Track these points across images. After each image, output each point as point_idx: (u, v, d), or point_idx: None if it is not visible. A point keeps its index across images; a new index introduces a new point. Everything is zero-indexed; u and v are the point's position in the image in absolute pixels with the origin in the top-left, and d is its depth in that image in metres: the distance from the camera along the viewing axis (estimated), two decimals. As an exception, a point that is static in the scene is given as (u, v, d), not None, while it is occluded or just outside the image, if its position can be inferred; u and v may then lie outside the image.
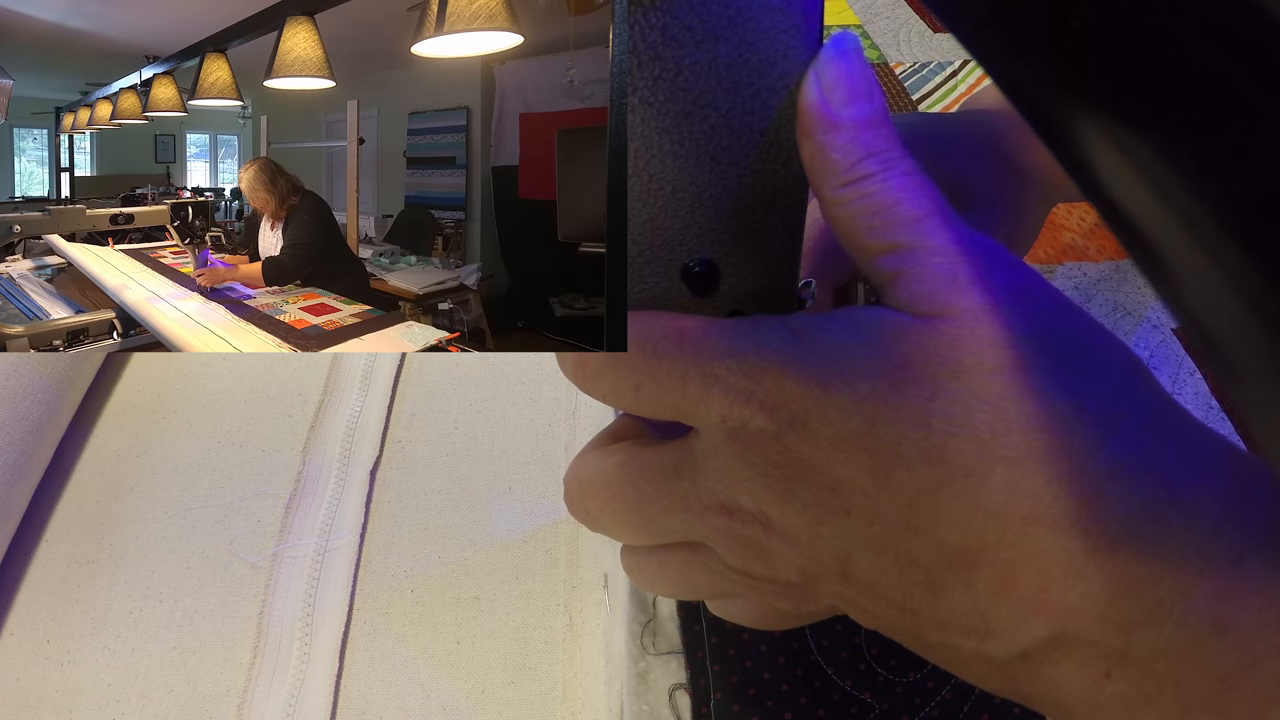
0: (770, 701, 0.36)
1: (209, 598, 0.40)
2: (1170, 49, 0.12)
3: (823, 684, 0.37)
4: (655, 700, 0.36)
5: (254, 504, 0.44)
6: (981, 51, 0.16)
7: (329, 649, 0.38)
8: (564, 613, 0.39)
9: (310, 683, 0.37)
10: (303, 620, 0.39)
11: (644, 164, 0.23)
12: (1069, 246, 0.57)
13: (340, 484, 0.44)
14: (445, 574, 0.40)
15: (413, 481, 0.44)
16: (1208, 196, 0.12)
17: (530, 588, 0.40)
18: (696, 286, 0.25)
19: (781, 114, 0.23)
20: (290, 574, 0.41)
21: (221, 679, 0.38)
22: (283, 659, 0.38)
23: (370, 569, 0.41)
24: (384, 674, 0.38)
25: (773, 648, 0.38)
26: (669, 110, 0.22)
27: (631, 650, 0.37)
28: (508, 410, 0.47)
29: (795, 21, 0.22)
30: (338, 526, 0.42)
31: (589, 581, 0.40)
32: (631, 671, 0.36)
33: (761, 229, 0.25)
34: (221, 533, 0.42)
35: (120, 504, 0.44)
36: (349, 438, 0.46)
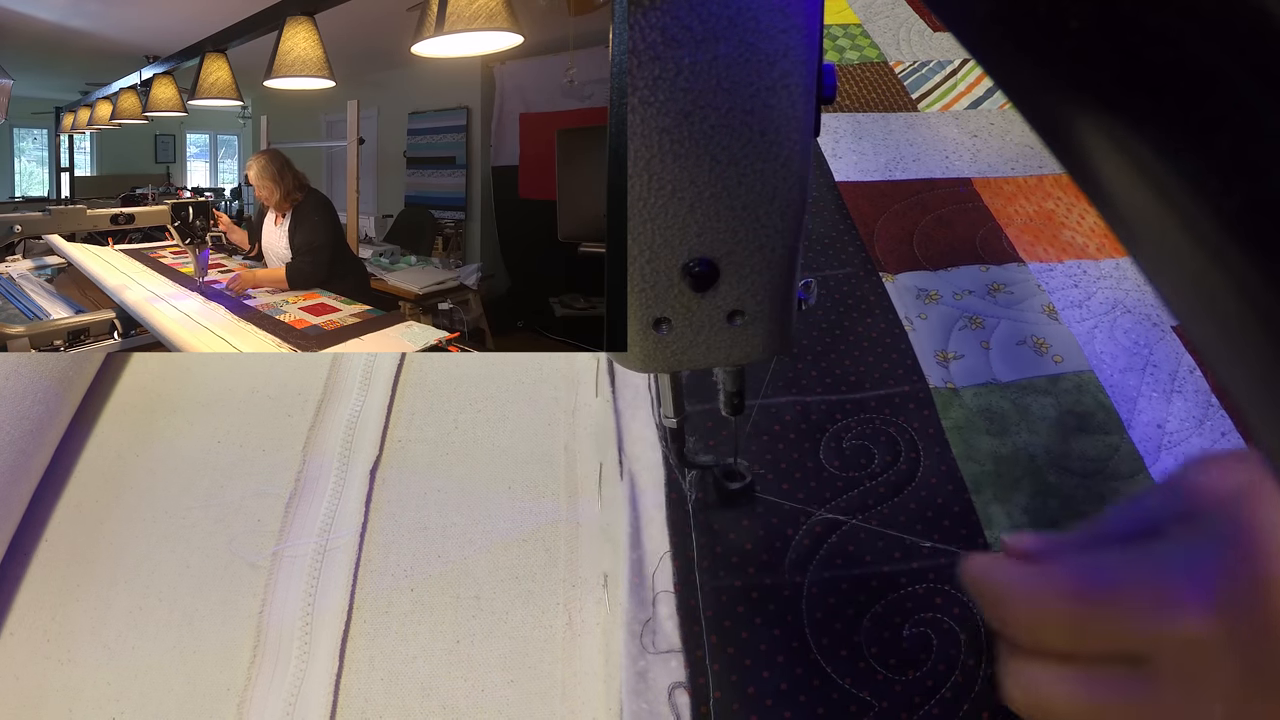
0: (769, 700, 0.36)
1: (209, 597, 0.40)
2: (1170, 49, 0.11)
3: (822, 682, 0.37)
4: (654, 699, 0.36)
5: (254, 503, 0.44)
6: (981, 52, 0.16)
7: (329, 648, 0.38)
8: (563, 612, 0.39)
9: (310, 682, 0.37)
10: (303, 619, 0.39)
11: (644, 164, 0.23)
12: (1069, 244, 0.57)
13: (340, 483, 0.44)
14: (445, 573, 0.40)
15: (412, 481, 0.44)
16: (1208, 196, 0.12)
17: (530, 587, 0.40)
18: (696, 286, 0.25)
19: (781, 114, 0.23)
20: (290, 573, 0.41)
21: (221, 678, 0.38)
22: (283, 658, 0.38)
23: (370, 568, 0.41)
24: (384, 673, 0.38)
25: (772, 646, 0.38)
26: (669, 110, 0.22)
27: (630, 649, 0.37)
28: (507, 410, 0.47)
29: (795, 21, 0.22)
30: (337, 526, 0.42)
31: (588, 581, 0.40)
32: (631, 670, 0.36)
33: (761, 229, 0.25)
34: (221, 532, 0.42)
35: (120, 503, 0.44)
36: (349, 437, 0.46)
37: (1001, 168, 0.63)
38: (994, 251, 0.56)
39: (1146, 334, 0.51)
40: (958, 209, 0.59)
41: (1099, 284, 0.54)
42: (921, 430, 0.45)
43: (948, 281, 0.54)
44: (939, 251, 0.56)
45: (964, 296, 0.53)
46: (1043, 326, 0.51)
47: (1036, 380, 0.48)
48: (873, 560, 0.40)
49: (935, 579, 0.40)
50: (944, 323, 0.52)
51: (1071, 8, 0.12)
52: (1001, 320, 0.52)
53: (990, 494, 0.43)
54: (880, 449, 0.45)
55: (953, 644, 0.38)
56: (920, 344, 0.50)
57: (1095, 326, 0.52)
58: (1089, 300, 0.53)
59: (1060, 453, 0.45)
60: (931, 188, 0.61)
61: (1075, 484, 0.44)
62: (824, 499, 0.42)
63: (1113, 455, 0.45)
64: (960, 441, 0.45)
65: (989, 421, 0.46)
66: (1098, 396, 0.48)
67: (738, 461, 0.43)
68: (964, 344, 0.50)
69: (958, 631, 0.38)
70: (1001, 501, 0.43)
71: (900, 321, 0.51)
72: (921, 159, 0.63)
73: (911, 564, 0.40)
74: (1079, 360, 0.50)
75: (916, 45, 0.76)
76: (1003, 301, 0.53)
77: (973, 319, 0.52)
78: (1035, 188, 0.61)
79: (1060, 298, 0.53)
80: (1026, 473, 0.44)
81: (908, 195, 0.60)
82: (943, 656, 0.38)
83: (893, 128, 0.67)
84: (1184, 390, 0.49)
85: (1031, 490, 0.43)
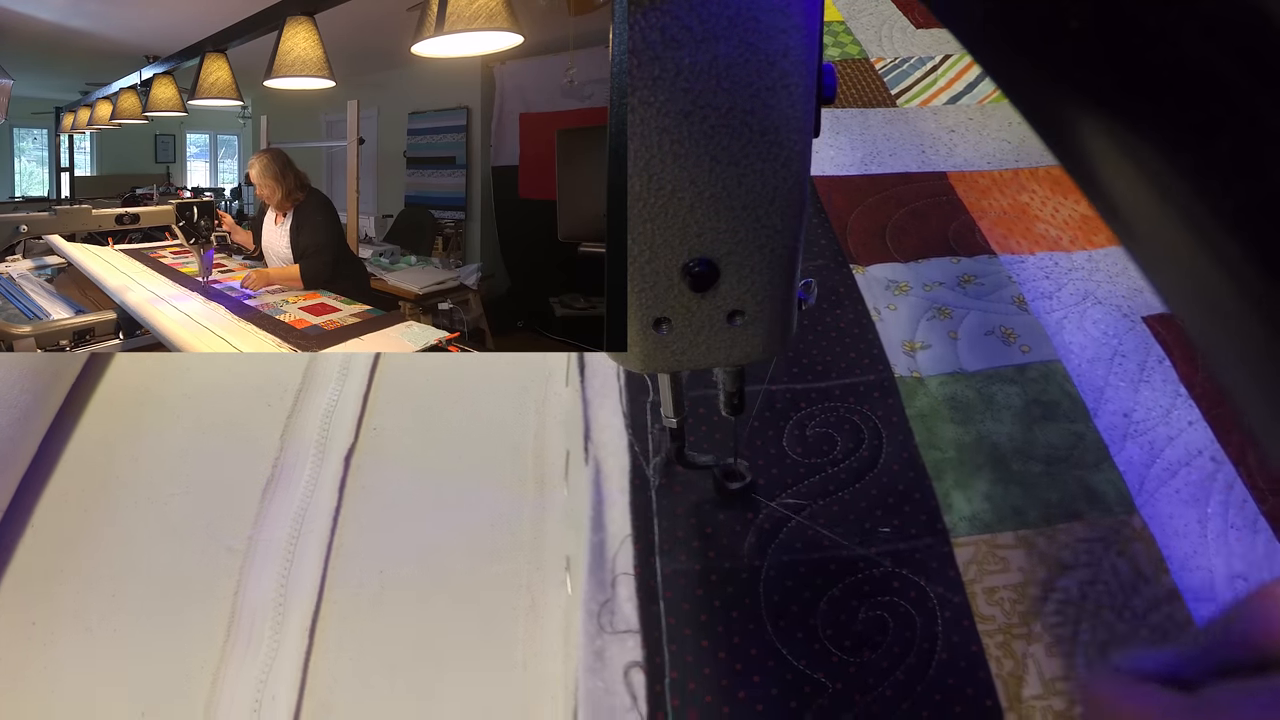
0: (725, 680, 0.37)
1: (187, 580, 0.41)
2: (1170, 49, 0.11)
3: (777, 663, 0.38)
4: (610, 677, 0.37)
5: (233, 490, 0.45)
6: (981, 51, 0.16)
7: (299, 628, 0.39)
8: (527, 594, 0.40)
9: (280, 660, 0.38)
10: (275, 601, 0.40)
11: (644, 164, 0.23)
12: (1042, 237, 0.57)
13: (316, 470, 0.45)
14: (414, 556, 0.42)
15: (385, 467, 0.45)
16: (1208, 196, 0.12)
17: (495, 570, 0.41)
18: (696, 286, 0.25)
19: (781, 114, 0.23)
20: (265, 557, 0.42)
21: (196, 657, 0.39)
22: (255, 638, 0.39)
23: (342, 551, 0.42)
24: (352, 652, 0.39)
25: (729, 628, 0.39)
26: (669, 110, 0.22)
27: (588, 628, 0.37)
28: (479, 399, 0.48)
29: (795, 21, 0.22)
30: (312, 511, 0.43)
31: (552, 564, 0.41)
32: (588, 649, 0.37)
33: (761, 229, 0.25)
34: (201, 517, 0.44)
35: (105, 491, 0.45)
36: (326, 425, 0.47)
37: (978, 162, 0.63)
38: (966, 244, 0.57)
39: (1116, 324, 0.52)
40: (932, 202, 0.60)
41: (1070, 275, 0.55)
42: (885, 418, 0.46)
43: (918, 273, 0.55)
44: (911, 244, 0.57)
45: (934, 288, 0.54)
46: (1012, 317, 0.52)
47: (1003, 370, 0.49)
48: (831, 545, 0.41)
49: (893, 563, 0.41)
50: (912, 313, 0.52)
51: (1071, 8, 0.12)
52: (970, 311, 0.52)
53: (951, 480, 0.44)
54: (843, 436, 0.45)
55: (908, 627, 0.39)
56: (887, 334, 0.51)
57: (1065, 317, 0.52)
58: (1059, 291, 0.54)
59: (1024, 441, 0.46)
60: (907, 181, 0.61)
61: (1039, 471, 0.44)
62: (785, 485, 0.43)
63: (1077, 444, 0.46)
64: (923, 429, 0.46)
65: (953, 410, 0.47)
66: (1064, 386, 0.48)
67: (737, 461, 0.43)
68: (932, 334, 0.51)
69: (914, 615, 0.39)
70: (962, 488, 0.43)
71: (869, 312, 0.52)
72: (898, 154, 0.64)
73: (870, 549, 0.41)
74: (1047, 350, 0.50)
75: (899, 42, 0.76)
76: (972, 293, 0.53)
77: (941, 310, 0.52)
78: (1011, 181, 0.62)
79: (1031, 289, 0.54)
80: (989, 460, 0.45)
81: (882, 189, 0.61)
82: (898, 639, 0.38)
83: (870, 123, 0.67)
84: (1152, 380, 0.49)
85: (993, 477, 0.44)
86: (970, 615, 0.39)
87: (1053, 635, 0.39)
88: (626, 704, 0.36)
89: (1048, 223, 0.58)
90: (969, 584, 0.40)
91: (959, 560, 0.41)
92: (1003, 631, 0.39)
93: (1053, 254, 0.56)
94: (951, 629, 0.39)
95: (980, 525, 0.42)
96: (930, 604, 0.39)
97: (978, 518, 0.42)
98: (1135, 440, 0.46)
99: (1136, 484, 0.44)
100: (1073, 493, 0.44)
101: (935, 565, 0.41)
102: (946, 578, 0.40)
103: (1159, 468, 0.45)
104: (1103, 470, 0.45)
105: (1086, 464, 0.45)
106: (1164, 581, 0.41)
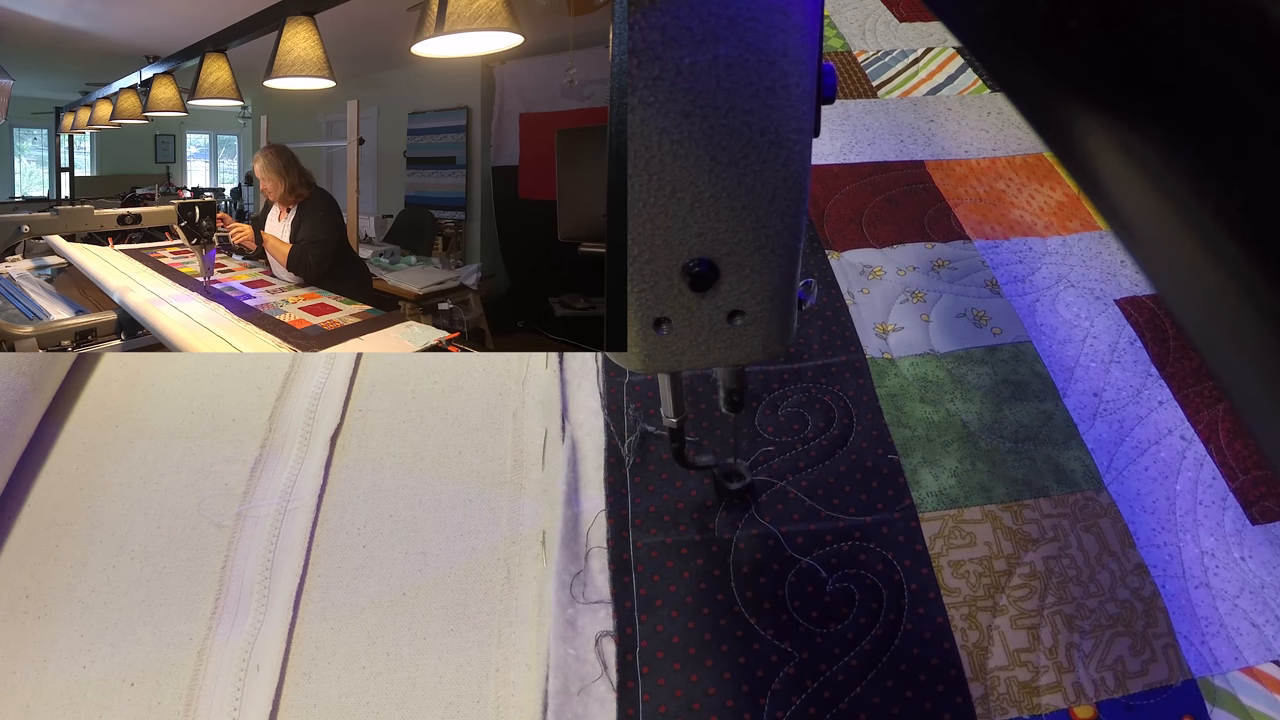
0: (693, 648, 0.38)
1: (177, 555, 0.43)
2: (1170, 49, 0.12)
3: (745, 633, 0.39)
4: (582, 645, 0.38)
5: (222, 468, 0.46)
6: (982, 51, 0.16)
7: (284, 600, 0.41)
8: (503, 566, 0.41)
9: (266, 631, 0.40)
10: (262, 574, 0.42)
11: (644, 164, 0.23)
12: (1017, 223, 0.58)
13: (303, 450, 0.46)
14: (395, 531, 0.43)
15: (370, 447, 0.47)
16: (1209, 196, 0.12)
17: (473, 544, 0.42)
18: (696, 286, 0.25)
19: (781, 114, 0.23)
20: (252, 532, 0.43)
21: (184, 628, 0.40)
22: (241, 610, 0.40)
23: (326, 527, 0.43)
24: (334, 623, 0.40)
25: (698, 599, 0.40)
26: (669, 110, 0.22)
27: (561, 598, 0.39)
28: (461, 379, 0.49)
29: (795, 21, 0.22)
30: (298, 488, 0.45)
31: (528, 538, 0.42)
32: (560, 618, 0.38)
33: (761, 229, 0.25)
34: (191, 495, 0.45)
35: (99, 470, 0.46)
36: (313, 407, 0.48)
37: (955, 151, 0.64)
38: (941, 229, 0.58)
39: (1088, 307, 0.53)
40: (908, 190, 0.61)
41: (1044, 260, 0.56)
42: (856, 398, 0.47)
43: (892, 258, 0.56)
44: (886, 230, 0.58)
45: (907, 272, 0.55)
46: (984, 300, 0.53)
47: (974, 351, 0.50)
48: (801, 518, 0.42)
49: (861, 537, 0.42)
50: (886, 297, 0.53)
51: (1072, 7, 0.12)
52: (943, 294, 0.53)
53: (919, 457, 0.45)
54: (814, 415, 0.46)
55: (875, 599, 0.40)
56: (860, 317, 0.52)
57: (1037, 300, 0.53)
58: (1033, 275, 0.55)
59: (993, 419, 0.47)
60: (884, 170, 0.62)
61: (1007, 449, 0.45)
62: (756, 462, 0.44)
63: (1046, 422, 0.47)
64: (893, 408, 0.47)
65: (923, 389, 0.48)
66: (1034, 366, 0.49)
67: (737, 461, 0.43)
68: (904, 317, 0.52)
69: (880, 587, 0.40)
70: (930, 465, 0.44)
71: (842, 296, 0.53)
72: (876, 143, 0.65)
73: (838, 523, 0.42)
74: (1018, 331, 0.51)
75: (882, 35, 0.77)
76: (945, 277, 0.54)
77: (914, 293, 0.53)
78: (988, 169, 0.63)
79: (1004, 273, 0.55)
80: (957, 438, 0.46)
81: (859, 177, 0.62)
82: (864, 610, 0.39)
83: (850, 113, 0.68)
84: (1123, 361, 0.50)
85: (961, 454, 0.45)
86: (936, 588, 0.40)
87: (1017, 608, 0.40)
88: (597, 671, 0.37)
89: (1023, 209, 0.59)
90: (935, 557, 0.41)
91: (926, 534, 0.42)
92: (968, 604, 0.40)
93: (1027, 239, 0.57)
94: (917, 601, 0.40)
95: (947, 500, 0.43)
96: (897, 576, 0.40)
97: (945, 493, 0.43)
98: (1105, 419, 0.47)
99: (1105, 461, 0.45)
100: (1040, 470, 0.45)
101: (902, 539, 0.42)
102: (913, 551, 0.41)
103: (1128, 446, 0.46)
104: (1071, 448, 0.45)
105: (1055, 442, 0.46)
106: (1130, 556, 0.42)
